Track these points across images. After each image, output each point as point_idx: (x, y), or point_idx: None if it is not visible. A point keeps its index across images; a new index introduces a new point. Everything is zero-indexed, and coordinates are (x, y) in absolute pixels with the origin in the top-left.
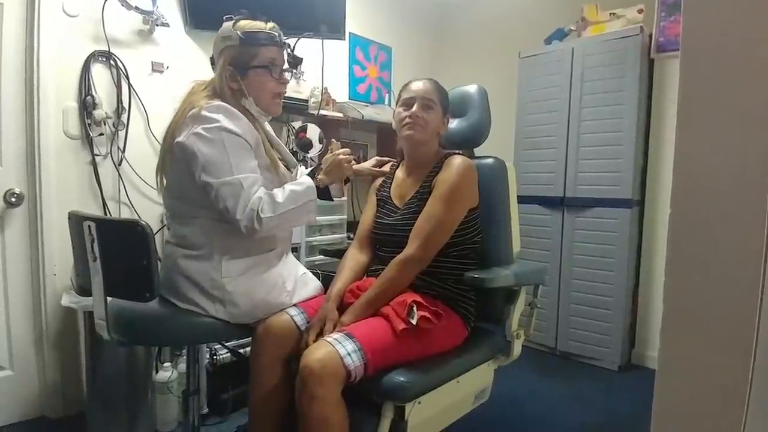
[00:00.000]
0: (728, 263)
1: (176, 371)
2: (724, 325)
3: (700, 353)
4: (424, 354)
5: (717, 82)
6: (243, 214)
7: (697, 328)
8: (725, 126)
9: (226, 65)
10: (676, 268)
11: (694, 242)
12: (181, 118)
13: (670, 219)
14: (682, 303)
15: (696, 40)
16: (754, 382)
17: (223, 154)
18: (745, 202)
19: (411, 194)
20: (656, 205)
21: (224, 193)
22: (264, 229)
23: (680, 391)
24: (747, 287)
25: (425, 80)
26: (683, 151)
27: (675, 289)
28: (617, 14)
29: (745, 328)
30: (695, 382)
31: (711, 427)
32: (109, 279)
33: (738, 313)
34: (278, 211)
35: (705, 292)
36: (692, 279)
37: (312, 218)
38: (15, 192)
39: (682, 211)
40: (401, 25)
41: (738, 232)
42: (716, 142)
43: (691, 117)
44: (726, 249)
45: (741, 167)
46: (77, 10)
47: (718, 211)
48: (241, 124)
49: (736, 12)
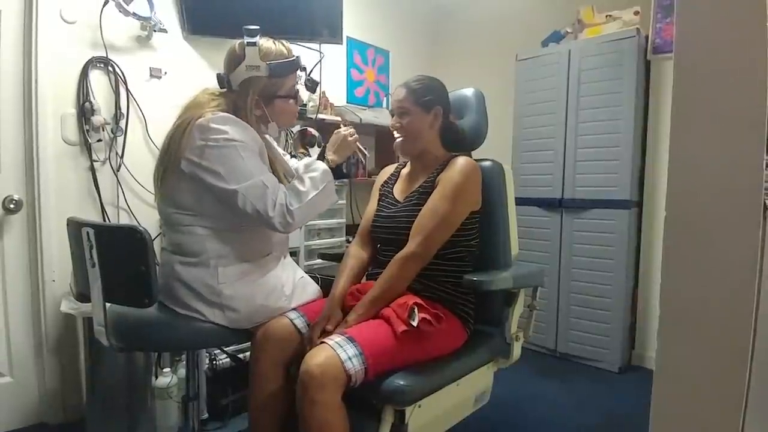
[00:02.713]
0: (724, 265)
1: (176, 377)
2: (720, 326)
3: (697, 355)
4: (424, 357)
5: (710, 85)
6: (275, 211)
7: (694, 330)
8: (718, 129)
9: (255, 96)
10: (672, 270)
11: (690, 245)
12: (187, 129)
13: (665, 222)
14: (678, 305)
15: (689, 44)
16: (752, 383)
17: (239, 161)
18: (740, 204)
19: (412, 189)
20: (654, 205)
21: (252, 196)
22: (297, 221)
23: (678, 393)
24: (742, 289)
25: (401, 86)
26: (677, 154)
27: (671, 292)
28: (614, 16)
29: (742, 329)
30: (692, 384)
31: (710, 428)
32: (108, 285)
33: (734, 315)
34: (305, 199)
35: (701, 295)
36: (688, 281)
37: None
38: (14, 198)
39: (677, 214)
40: (399, 29)
41: (733, 234)
42: (710, 145)
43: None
44: (721, 251)
45: (735, 169)
46: (75, 17)
47: (713, 213)
48: (247, 132)
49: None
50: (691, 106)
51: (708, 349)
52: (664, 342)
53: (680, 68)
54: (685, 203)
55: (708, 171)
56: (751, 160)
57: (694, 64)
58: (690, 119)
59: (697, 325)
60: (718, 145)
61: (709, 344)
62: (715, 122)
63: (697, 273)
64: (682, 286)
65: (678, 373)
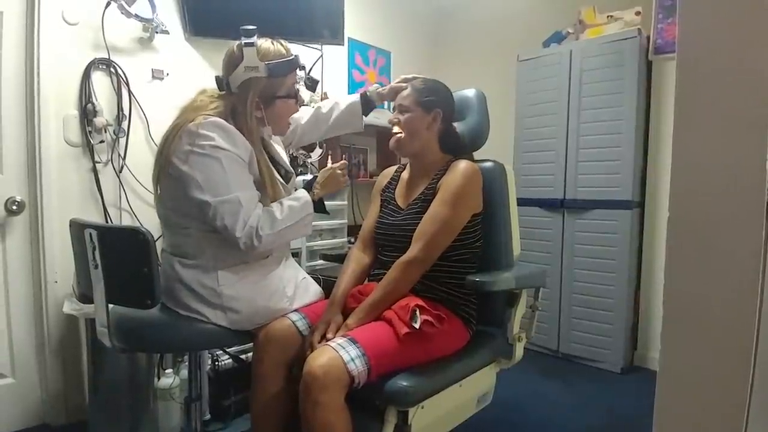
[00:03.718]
0: (727, 265)
1: (178, 378)
2: (724, 327)
3: (701, 356)
4: (427, 358)
5: (712, 84)
6: (242, 231)
7: (698, 330)
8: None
9: (255, 98)
10: (675, 271)
11: (693, 245)
12: (178, 133)
13: (668, 222)
14: (681, 306)
15: (691, 43)
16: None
17: (219, 172)
18: (743, 205)
19: (414, 196)
20: (656, 205)
21: (223, 211)
22: (262, 247)
23: (681, 394)
24: (746, 289)
25: (406, 84)
26: (680, 154)
27: (674, 292)
28: (615, 17)
29: (745, 329)
30: (696, 385)
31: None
32: (110, 286)
33: (738, 315)
34: (277, 228)
35: (704, 295)
36: (691, 282)
37: (308, 231)
38: (16, 200)
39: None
40: (400, 30)
41: (736, 234)
42: (712, 145)
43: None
44: (724, 251)
45: (738, 169)
46: (77, 18)
47: (716, 213)
48: (236, 140)
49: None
50: (693, 106)
51: (711, 349)
52: (667, 342)
53: (683, 67)
54: (688, 203)
55: (711, 171)
56: (755, 159)
57: (696, 63)
58: (692, 119)
59: (701, 326)
60: (721, 144)
61: (712, 344)
62: (718, 122)
63: (700, 273)
64: (686, 286)
65: (681, 374)
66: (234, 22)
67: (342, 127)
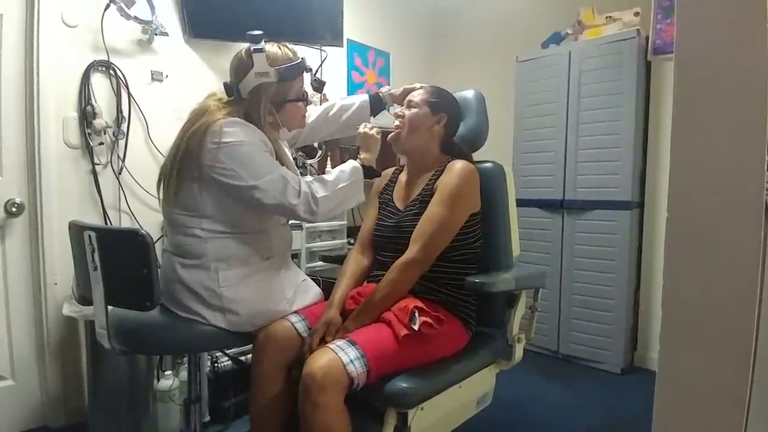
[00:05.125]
0: (726, 266)
1: (178, 379)
2: (723, 327)
3: (700, 356)
4: (426, 360)
5: (711, 85)
6: (298, 199)
7: (697, 330)
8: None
9: (268, 103)
10: (674, 271)
11: (692, 246)
12: (205, 134)
13: (667, 223)
14: (680, 306)
15: (690, 44)
16: (755, 384)
17: (255, 158)
18: (742, 205)
19: (412, 197)
20: (656, 206)
21: (273, 189)
22: (322, 209)
23: (681, 394)
24: (745, 289)
25: (420, 85)
26: (679, 155)
27: (673, 293)
28: (614, 17)
29: (745, 329)
30: (696, 385)
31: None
32: (109, 288)
33: (736, 316)
34: (330, 189)
35: (703, 295)
36: (690, 282)
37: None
38: (15, 202)
39: (678, 215)
40: (399, 31)
41: (735, 234)
42: (711, 146)
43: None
44: (723, 252)
45: (736, 170)
46: (76, 21)
47: (715, 214)
48: (258, 135)
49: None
50: (692, 107)
51: (711, 349)
52: (666, 343)
53: (681, 68)
54: (687, 204)
55: (709, 171)
56: (753, 160)
57: (695, 64)
58: (691, 120)
59: (700, 326)
60: (719, 145)
61: (711, 345)
62: (717, 122)
63: (699, 274)
64: (685, 287)
65: (681, 374)
66: (233, 24)
67: (350, 127)
